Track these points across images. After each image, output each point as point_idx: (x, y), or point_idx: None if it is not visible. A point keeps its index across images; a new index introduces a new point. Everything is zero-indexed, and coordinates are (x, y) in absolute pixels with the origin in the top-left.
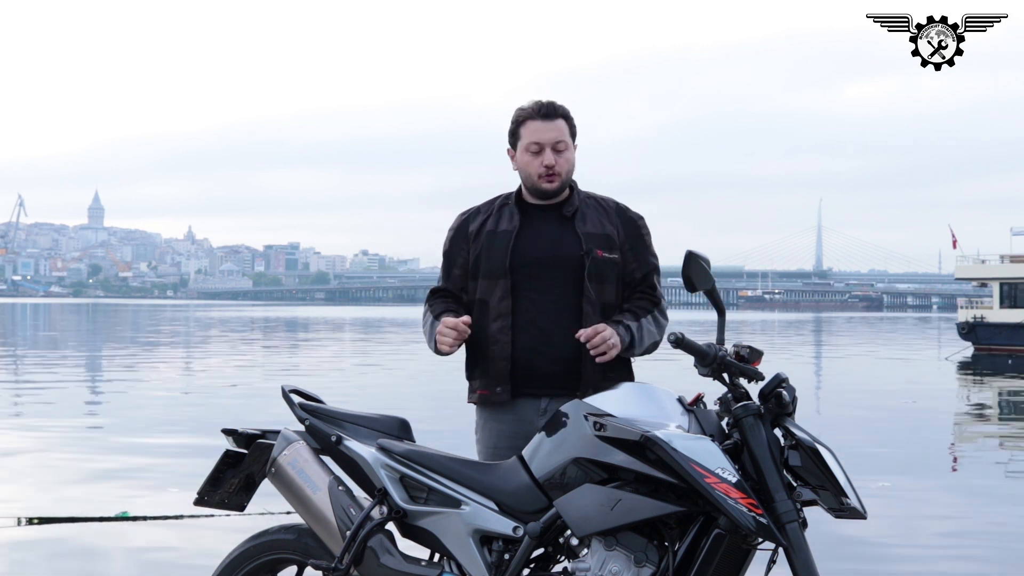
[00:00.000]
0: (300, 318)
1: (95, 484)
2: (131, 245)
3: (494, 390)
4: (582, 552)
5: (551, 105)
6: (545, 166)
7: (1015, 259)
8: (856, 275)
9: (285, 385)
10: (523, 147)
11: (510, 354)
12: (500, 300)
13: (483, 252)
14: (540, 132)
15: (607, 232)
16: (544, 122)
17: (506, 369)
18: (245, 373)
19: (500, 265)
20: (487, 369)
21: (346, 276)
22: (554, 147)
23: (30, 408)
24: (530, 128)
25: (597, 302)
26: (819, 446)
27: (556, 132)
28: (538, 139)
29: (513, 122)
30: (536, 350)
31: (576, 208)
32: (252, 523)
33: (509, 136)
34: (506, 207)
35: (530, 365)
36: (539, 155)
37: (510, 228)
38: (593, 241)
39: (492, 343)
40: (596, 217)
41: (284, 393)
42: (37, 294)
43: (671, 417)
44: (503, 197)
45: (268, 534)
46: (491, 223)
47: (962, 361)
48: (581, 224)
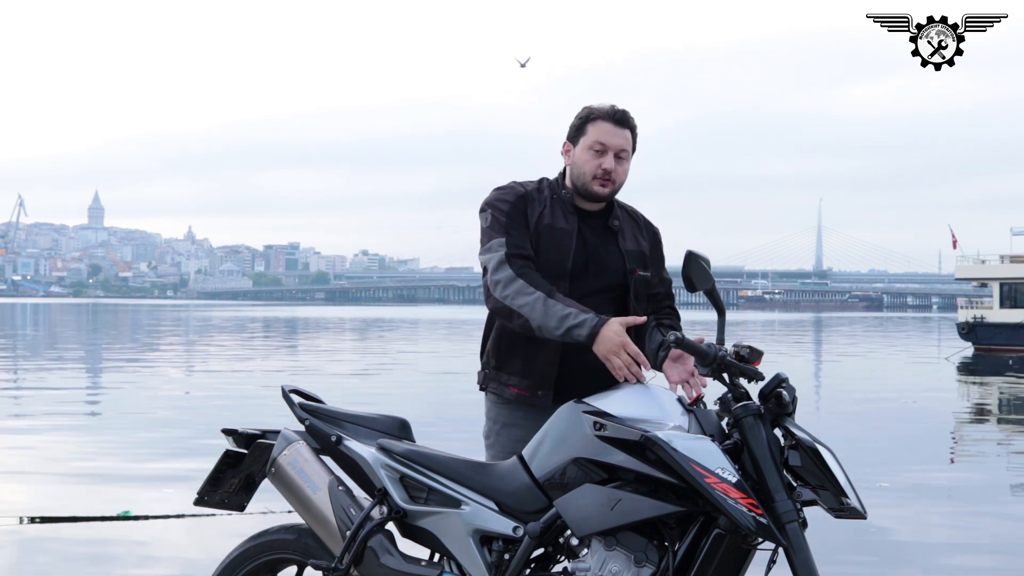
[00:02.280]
0: (300, 318)
1: (97, 483)
2: (131, 245)
3: (535, 393)
4: (582, 552)
5: (625, 113)
6: (604, 169)
7: (1015, 259)
8: (856, 275)
9: (285, 385)
10: (586, 144)
11: (559, 360)
12: None
13: (543, 246)
14: (609, 135)
15: (641, 249)
16: (615, 126)
17: (552, 374)
18: (245, 373)
19: (562, 267)
20: (531, 370)
21: (346, 276)
22: (617, 153)
23: (31, 407)
24: (600, 128)
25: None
26: (819, 446)
27: (623, 140)
28: (605, 140)
29: (580, 118)
30: (583, 362)
31: (621, 222)
32: (252, 523)
33: (572, 130)
34: (558, 202)
35: (573, 376)
36: (601, 156)
37: (568, 228)
38: (633, 259)
39: (542, 345)
40: (632, 233)
41: (284, 393)
42: (37, 294)
43: (671, 417)
44: (547, 186)
45: (268, 534)
46: (548, 216)
47: (962, 361)
48: (623, 240)
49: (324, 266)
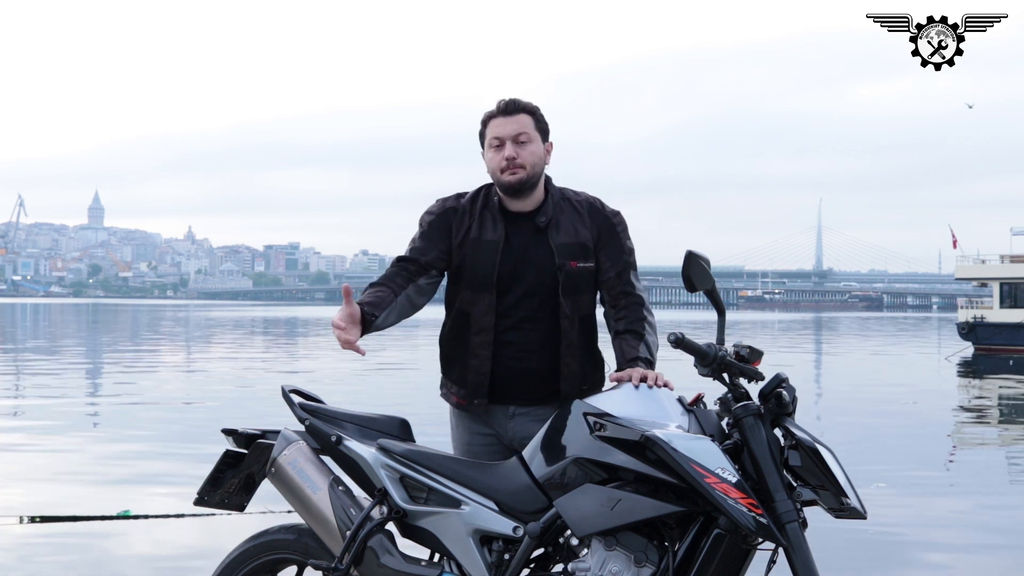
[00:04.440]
0: (300, 318)
1: (97, 483)
2: (131, 245)
3: (471, 401)
4: (582, 552)
5: (513, 101)
6: (506, 158)
7: (1015, 259)
8: (856, 275)
9: (285, 385)
10: (487, 145)
11: (490, 369)
12: (484, 315)
13: (467, 261)
14: (500, 127)
15: (581, 240)
16: (505, 117)
17: (485, 383)
18: (245, 373)
19: (487, 280)
20: (465, 379)
21: (346, 276)
22: (515, 139)
23: (31, 407)
24: (492, 125)
25: (574, 316)
26: (819, 446)
27: (517, 125)
28: (498, 133)
29: (480, 124)
30: (512, 367)
31: (551, 217)
32: (252, 523)
33: (479, 140)
34: (487, 211)
35: (507, 381)
36: (500, 149)
37: (495, 239)
38: (566, 252)
39: (472, 356)
40: (570, 223)
41: (284, 393)
42: (37, 294)
43: (671, 417)
44: (483, 197)
45: (268, 534)
46: (475, 229)
47: (962, 361)
48: (555, 234)
49: (324, 266)
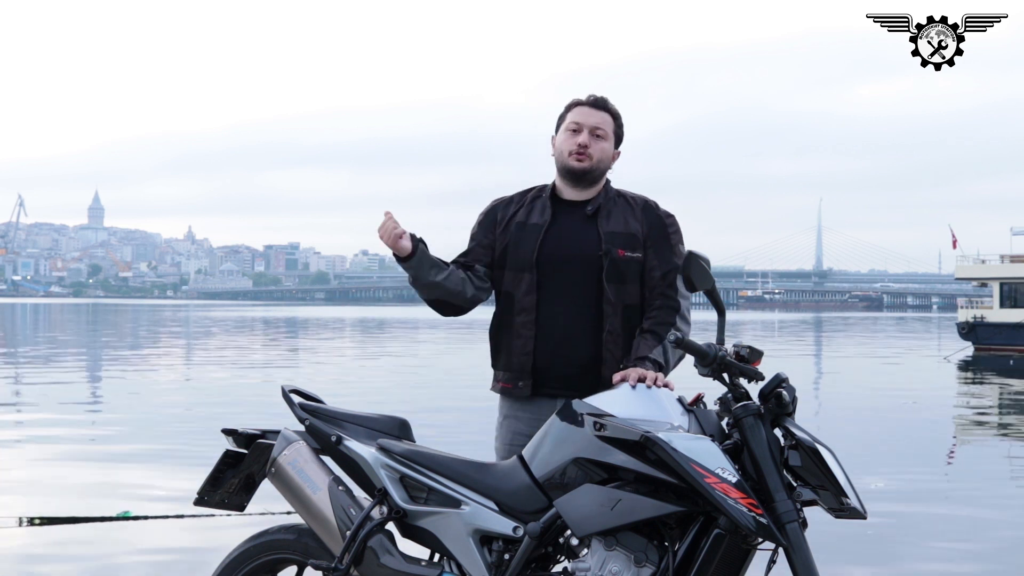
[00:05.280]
0: (300, 318)
1: (96, 484)
2: (131, 245)
3: (516, 384)
4: (582, 552)
5: (603, 99)
6: (579, 144)
7: (1015, 259)
8: (856, 275)
9: (285, 385)
10: (563, 127)
11: (532, 349)
12: (525, 294)
13: (511, 243)
14: (584, 115)
15: (631, 230)
16: (591, 109)
17: (528, 364)
18: (245, 373)
19: (527, 259)
20: (510, 362)
21: (346, 276)
22: (593, 130)
23: (31, 407)
24: (577, 111)
25: (618, 303)
26: (819, 446)
27: (599, 119)
28: (580, 120)
29: (564, 108)
30: (555, 351)
31: (600, 205)
32: (252, 523)
33: (556, 122)
34: (539, 200)
35: (549, 364)
36: (576, 134)
37: (540, 222)
38: (615, 240)
39: (516, 337)
40: (621, 215)
41: (284, 393)
42: (37, 294)
43: (671, 417)
44: (537, 189)
45: (268, 534)
46: (522, 214)
47: (962, 361)
48: (604, 222)
49: (324, 266)
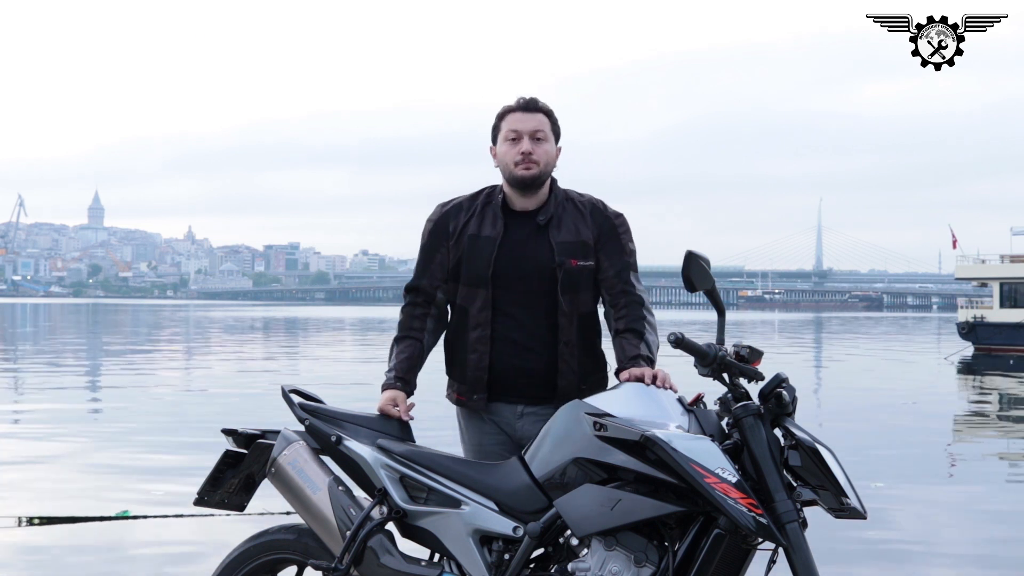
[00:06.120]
0: (300, 318)
1: (96, 484)
2: (131, 245)
3: (471, 397)
4: (582, 552)
5: (533, 100)
6: (522, 153)
7: (1015, 259)
8: (856, 275)
9: (285, 385)
10: (503, 137)
11: (487, 365)
12: (480, 310)
13: (464, 257)
14: (519, 122)
15: (582, 239)
16: (524, 113)
17: (483, 379)
18: (245, 373)
19: (482, 275)
20: (464, 375)
21: (346, 276)
22: (532, 136)
23: (30, 408)
24: (510, 119)
25: (573, 313)
26: (819, 446)
27: (536, 123)
28: (516, 127)
29: (496, 118)
30: (510, 364)
31: (551, 215)
32: (252, 523)
33: (492, 132)
34: (489, 208)
35: (506, 377)
36: (517, 143)
37: (493, 235)
38: (566, 251)
39: (470, 351)
40: (571, 222)
41: (284, 393)
42: (37, 294)
43: (671, 417)
44: (486, 194)
45: (268, 534)
46: (474, 225)
47: (962, 361)
48: (556, 232)
49: (324, 266)
